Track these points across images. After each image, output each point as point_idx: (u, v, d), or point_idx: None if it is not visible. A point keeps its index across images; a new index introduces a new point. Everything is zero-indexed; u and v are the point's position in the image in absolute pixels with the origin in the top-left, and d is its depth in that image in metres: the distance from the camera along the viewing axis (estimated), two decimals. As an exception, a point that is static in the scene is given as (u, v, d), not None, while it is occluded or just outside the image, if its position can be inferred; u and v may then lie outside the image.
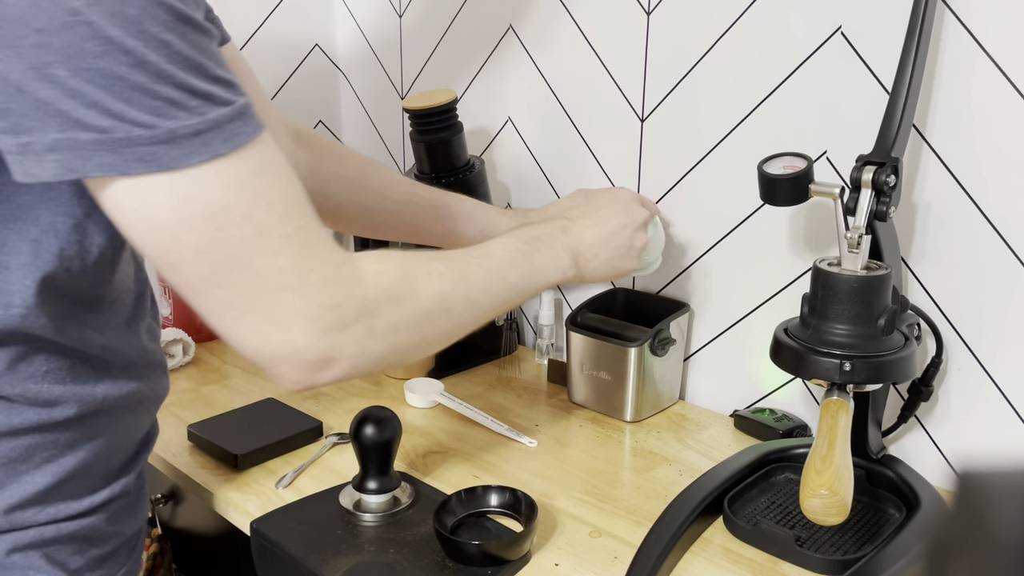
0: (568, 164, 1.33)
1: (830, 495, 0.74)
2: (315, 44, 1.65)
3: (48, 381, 0.64)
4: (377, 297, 0.62)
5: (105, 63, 0.49)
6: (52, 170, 0.52)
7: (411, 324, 0.65)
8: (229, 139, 0.54)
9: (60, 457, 0.66)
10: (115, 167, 0.51)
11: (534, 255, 0.79)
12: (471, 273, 0.72)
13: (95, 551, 0.70)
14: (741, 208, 1.13)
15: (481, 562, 0.80)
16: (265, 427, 1.06)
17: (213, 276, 0.56)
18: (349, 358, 0.61)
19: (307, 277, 0.58)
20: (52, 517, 0.67)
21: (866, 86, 0.98)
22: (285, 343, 0.59)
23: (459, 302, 0.69)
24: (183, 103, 0.52)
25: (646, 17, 1.18)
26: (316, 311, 0.59)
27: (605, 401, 1.16)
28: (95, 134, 0.50)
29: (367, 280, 0.62)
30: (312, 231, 0.59)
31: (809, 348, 0.84)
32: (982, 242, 0.92)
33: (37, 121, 0.50)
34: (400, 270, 0.66)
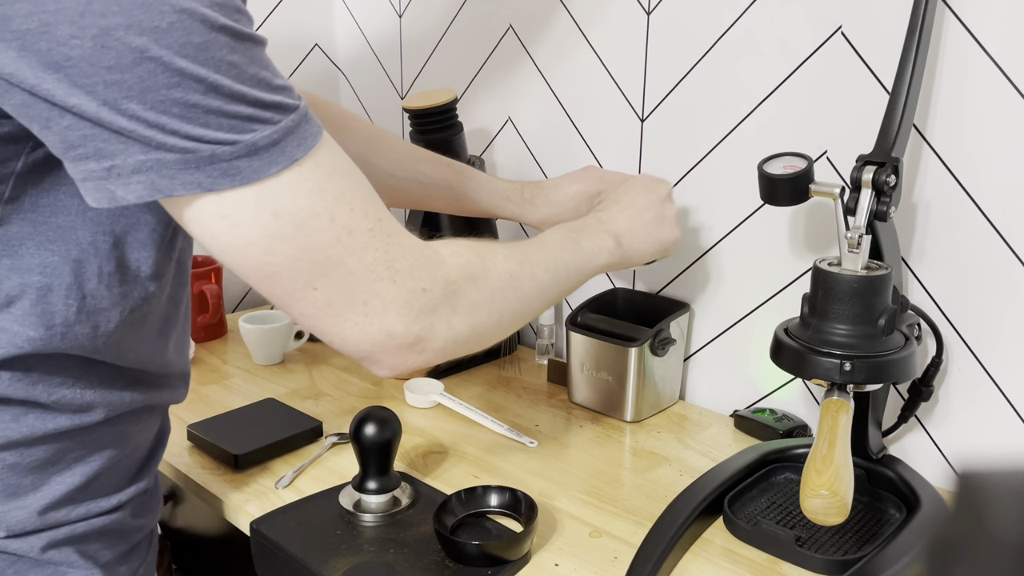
0: (568, 164, 1.33)
1: (830, 495, 0.74)
2: (315, 44, 1.65)
3: (80, 388, 0.65)
4: (457, 277, 0.65)
5: (179, 93, 0.50)
6: (138, 191, 0.52)
7: (488, 302, 0.68)
8: (301, 143, 0.55)
9: (88, 458, 0.68)
10: (200, 184, 0.52)
11: (581, 240, 0.84)
12: (531, 255, 0.76)
13: (122, 545, 0.73)
14: (741, 208, 1.13)
15: (481, 562, 0.80)
16: (265, 427, 1.06)
17: (309, 280, 0.58)
18: (439, 338, 0.64)
19: (396, 265, 0.61)
20: (83, 515, 0.68)
21: (866, 86, 0.98)
22: (382, 331, 0.61)
23: (526, 280, 0.73)
24: (258, 117, 0.53)
25: (646, 17, 1.18)
26: (408, 296, 0.61)
27: (605, 401, 1.16)
28: (180, 154, 0.51)
29: (447, 262, 0.65)
30: (390, 221, 0.62)
31: (809, 348, 0.84)
32: (982, 242, 0.92)
33: (120, 145, 0.51)
34: (471, 252, 0.69)
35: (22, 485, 0.64)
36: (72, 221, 0.60)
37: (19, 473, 0.64)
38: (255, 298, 1.66)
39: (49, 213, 0.59)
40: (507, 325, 0.72)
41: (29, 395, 0.63)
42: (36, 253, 0.60)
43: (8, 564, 0.65)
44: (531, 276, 0.74)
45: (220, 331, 1.44)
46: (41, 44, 0.48)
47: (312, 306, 0.59)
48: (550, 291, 0.77)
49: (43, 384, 0.63)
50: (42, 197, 0.59)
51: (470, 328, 0.67)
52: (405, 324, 0.62)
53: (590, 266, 0.84)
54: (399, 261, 0.61)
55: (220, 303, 1.43)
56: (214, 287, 1.40)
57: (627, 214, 0.92)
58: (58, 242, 0.60)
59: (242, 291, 1.64)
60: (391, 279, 0.60)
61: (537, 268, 0.75)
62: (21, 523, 0.65)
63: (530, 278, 0.74)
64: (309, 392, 1.22)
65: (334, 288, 0.59)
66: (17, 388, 0.62)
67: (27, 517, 0.65)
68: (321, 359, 1.35)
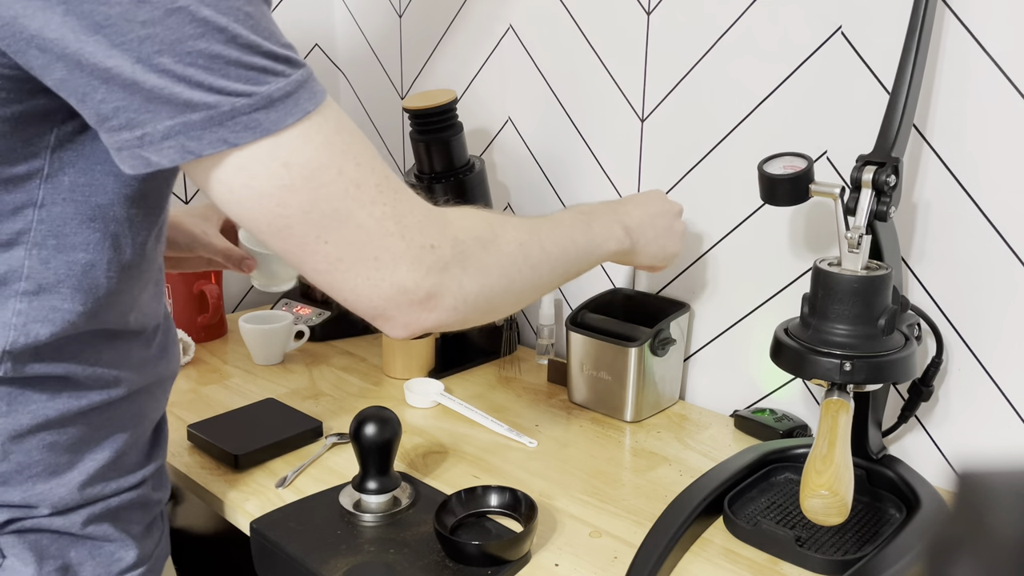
0: (568, 164, 1.33)
1: (830, 495, 0.74)
2: (315, 44, 1.65)
3: (105, 363, 0.69)
4: (466, 238, 0.66)
5: (204, 44, 0.53)
6: (171, 155, 0.55)
7: (498, 266, 0.69)
8: (311, 97, 0.58)
9: (116, 434, 0.72)
10: (226, 140, 0.55)
11: (592, 224, 0.84)
12: (542, 228, 0.77)
13: (147, 518, 0.77)
14: (741, 208, 1.13)
15: (481, 562, 0.80)
16: (265, 427, 1.06)
17: (320, 233, 0.59)
18: (450, 296, 0.65)
19: (404, 221, 0.62)
20: (115, 490, 0.73)
21: (866, 86, 0.98)
22: (394, 285, 0.62)
23: (535, 250, 0.74)
24: (272, 69, 0.56)
25: (646, 17, 1.18)
26: (418, 252, 0.62)
27: (605, 401, 1.16)
28: (204, 112, 0.54)
29: (455, 223, 0.66)
30: (396, 180, 0.63)
31: (809, 348, 0.84)
32: (982, 242, 0.92)
33: (149, 112, 0.54)
34: (479, 217, 0.70)
35: (60, 464, 0.68)
36: (109, 198, 0.64)
37: (57, 452, 0.68)
38: (255, 298, 1.66)
39: (88, 192, 0.63)
40: (518, 294, 0.73)
41: (68, 372, 0.66)
42: (79, 232, 0.64)
43: (51, 542, 0.69)
44: (540, 247, 0.74)
45: (220, 331, 1.44)
46: (85, 6, 0.51)
47: (324, 261, 0.61)
48: (559, 265, 0.77)
49: (78, 361, 0.67)
50: (80, 177, 0.62)
51: (480, 289, 0.67)
52: (416, 280, 0.62)
53: (599, 250, 0.84)
54: (407, 217, 0.62)
55: (220, 303, 1.43)
56: (214, 287, 1.40)
57: (641, 211, 0.92)
58: (98, 220, 0.64)
59: (242, 291, 1.64)
60: (400, 234, 0.61)
61: (547, 240, 0.76)
62: (63, 500, 0.69)
63: (539, 249, 0.74)
64: (309, 392, 1.22)
65: (345, 242, 0.60)
66: (57, 366, 0.66)
67: (68, 494, 0.69)
68: (321, 359, 1.35)
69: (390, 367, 1.29)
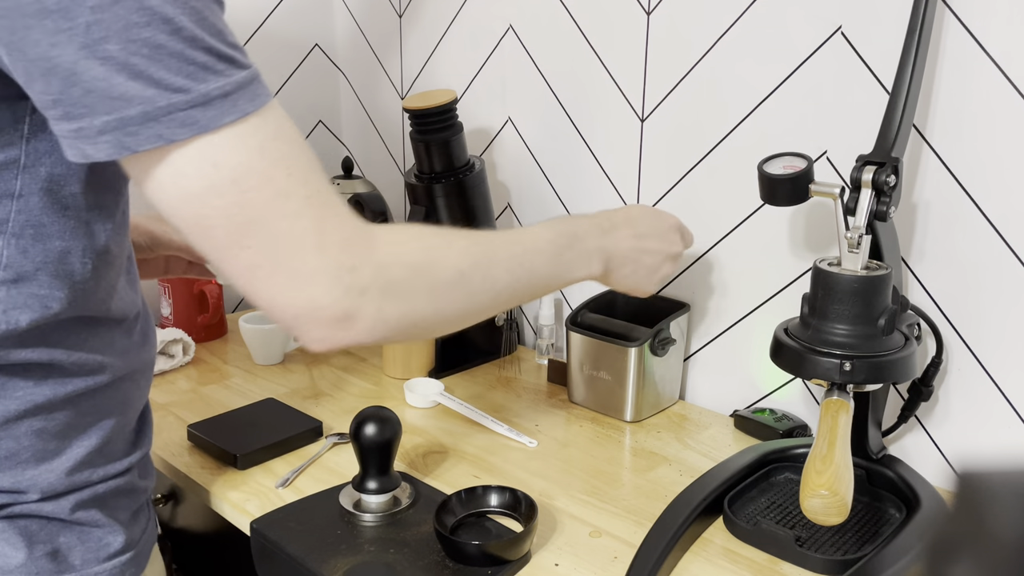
0: (568, 164, 1.33)
1: (830, 495, 0.74)
2: (315, 44, 1.65)
3: (89, 350, 0.70)
4: (393, 263, 0.65)
5: (149, 32, 0.54)
6: (107, 150, 0.56)
7: (428, 293, 0.67)
8: (252, 99, 0.58)
9: (100, 421, 0.73)
10: (162, 136, 0.55)
11: (566, 251, 0.81)
12: (496, 252, 0.74)
13: (134, 504, 0.78)
14: (741, 208, 1.13)
15: (481, 562, 0.80)
16: (265, 427, 1.06)
17: (240, 238, 0.59)
18: (367, 319, 0.64)
19: (326, 238, 0.61)
20: (102, 477, 0.74)
21: (866, 86, 0.98)
22: (309, 300, 0.61)
23: (478, 279, 0.71)
24: (212, 67, 0.56)
25: (646, 17, 1.18)
26: (336, 271, 0.62)
27: (605, 401, 1.16)
28: (141, 107, 0.54)
29: (382, 246, 0.65)
30: (329, 195, 0.63)
31: (809, 348, 0.84)
32: (982, 242, 0.92)
33: (86, 107, 0.54)
34: (417, 240, 0.69)
35: (48, 450, 0.70)
36: (81, 186, 0.65)
37: (45, 439, 0.70)
38: (255, 298, 1.66)
39: (64, 182, 0.64)
40: (451, 321, 0.71)
41: (52, 359, 0.68)
42: (56, 220, 0.65)
43: (40, 527, 0.71)
44: (485, 276, 0.72)
45: (220, 331, 1.44)
46: None
47: (243, 266, 0.60)
48: (505, 296, 0.74)
49: (62, 347, 0.68)
50: (56, 168, 0.63)
51: (402, 315, 0.66)
52: (332, 298, 0.62)
53: (564, 278, 0.81)
54: (330, 234, 0.61)
55: (220, 303, 1.43)
56: (214, 287, 1.40)
57: (631, 245, 0.87)
58: (71, 207, 0.65)
59: (242, 291, 1.64)
60: (320, 250, 0.61)
61: (498, 268, 0.73)
62: (52, 485, 0.70)
63: (483, 278, 0.71)
64: (309, 392, 1.22)
65: (264, 250, 0.60)
66: (42, 352, 0.67)
67: (57, 479, 0.70)
68: (321, 359, 1.35)
69: (390, 367, 1.29)
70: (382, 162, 1.67)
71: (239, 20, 1.52)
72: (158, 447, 1.04)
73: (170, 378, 1.26)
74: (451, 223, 1.28)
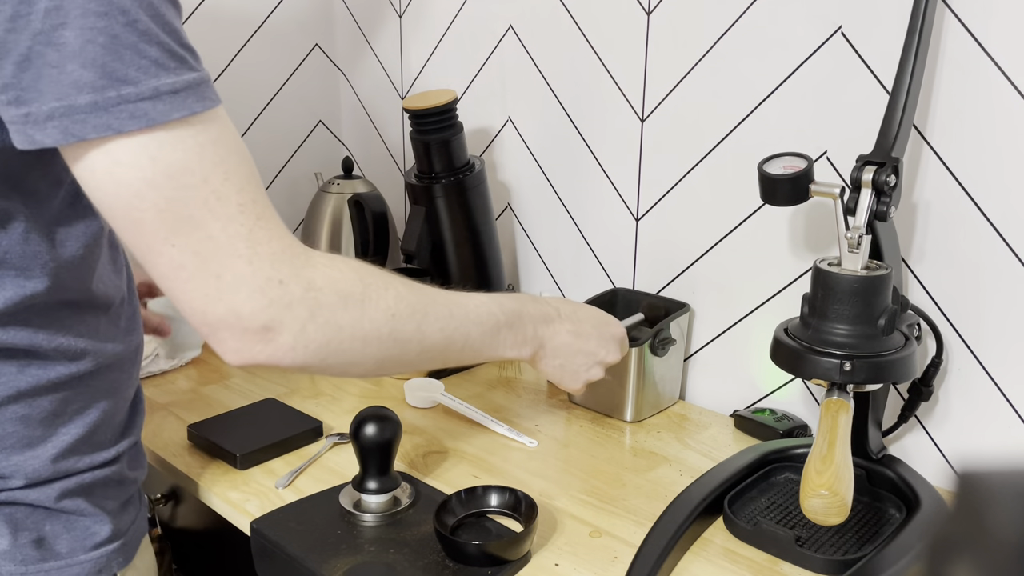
0: (568, 164, 1.33)
1: (830, 495, 0.74)
2: (315, 44, 1.65)
3: (73, 336, 0.71)
4: (325, 286, 0.64)
5: (105, 23, 0.54)
6: (54, 136, 0.56)
7: (354, 327, 0.66)
8: (200, 100, 0.59)
9: (87, 409, 0.74)
10: (111, 126, 0.56)
11: (504, 328, 0.80)
12: (432, 309, 0.72)
13: (122, 495, 0.79)
14: (741, 208, 1.13)
15: (481, 562, 0.80)
16: (265, 427, 1.06)
17: (169, 235, 0.59)
18: (288, 335, 0.62)
19: (257, 248, 0.61)
20: (89, 465, 0.75)
21: (866, 86, 0.98)
22: (229, 309, 0.60)
23: (410, 328, 0.70)
24: (164, 63, 0.57)
25: (646, 17, 1.18)
26: (263, 283, 0.61)
27: (605, 401, 1.16)
28: (90, 95, 0.55)
29: (318, 267, 0.64)
30: (265, 207, 0.62)
31: (809, 348, 0.84)
32: (982, 242, 0.92)
33: (37, 92, 0.55)
34: (354, 272, 0.67)
35: (34, 437, 0.71)
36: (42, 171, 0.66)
37: (30, 425, 0.70)
38: (255, 298, 1.66)
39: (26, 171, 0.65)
40: (377, 362, 0.69)
41: (32, 343, 0.68)
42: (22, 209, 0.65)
43: (26, 515, 0.71)
44: (418, 327, 0.70)
45: (220, 331, 1.44)
46: None
47: (168, 264, 0.60)
48: (432, 350, 0.73)
49: (43, 332, 0.69)
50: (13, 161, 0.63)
51: (325, 344, 0.64)
52: (254, 309, 0.60)
53: (493, 353, 0.80)
54: (262, 245, 0.61)
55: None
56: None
57: (568, 341, 0.87)
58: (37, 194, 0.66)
59: (242, 291, 1.64)
60: (248, 259, 0.60)
61: (432, 324, 0.72)
62: (37, 471, 0.71)
63: (415, 328, 0.70)
64: (309, 392, 1.22)
65: (191, 250, 0.59)
66: (22, 337, 0.68)
67: (42, 466, 0.71)
68: (321, 359, 1.35)
69: (390, 367, 1.28)
70: (382, 162, 1.67)
71: (239, 20, 1.52)
72: (158, 447, 1.04)
73: (170, 378, 1.26)
74: (451, 223, 1.28)
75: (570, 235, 1.35)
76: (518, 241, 1.44)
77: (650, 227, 1.24)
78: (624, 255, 1.28)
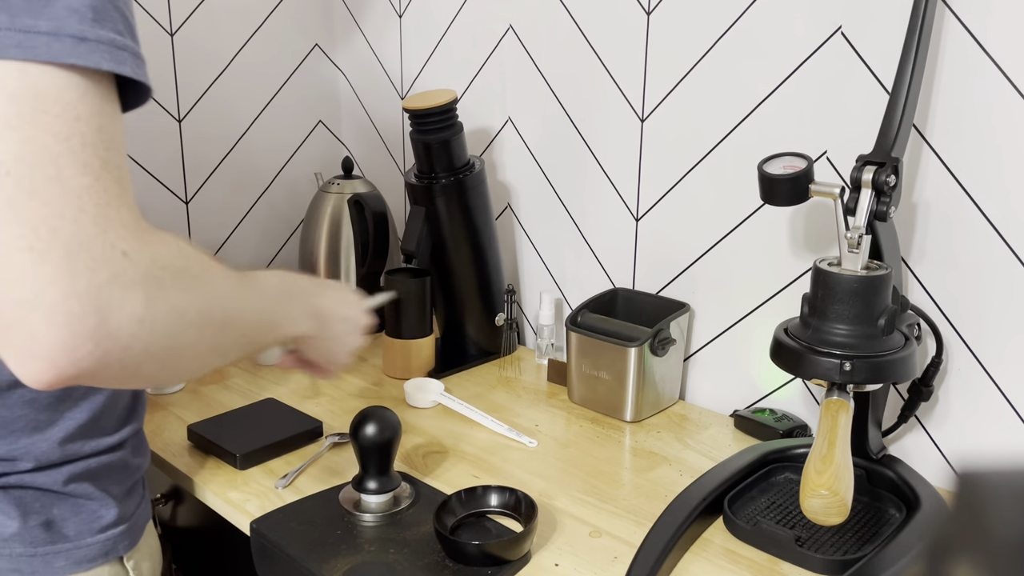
0: (568, 164, 1.33)
1: (830, 495, 0.74)
2: (315, 44, 1.65)
3: None
4: (170, 264, 0.56)
5: None
6: None
7: (200, 314, 0.59)
8: (109, 61, 0.54)
9: (92, 394, 0.75)
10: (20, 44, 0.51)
11: (290, 300, 0.75)
12: (242, 285, 0.67)
13: (127, 481, 0.80)
14: (741, 208, 1.13)
15: (481, 562, 0.80)
16: (265, 427, 1.06)
17: (14, 160, 0.50)
18: (124, 322, 0.52)
19: (106, 210, 0.52)
20: (94, 449, 0.76)
21: (866, 86, 0.98)
22: (59, 272, 0.49)
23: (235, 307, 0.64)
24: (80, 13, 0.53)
25: (646, 17, 1.18)
26: (105, 251, 0.51)
27: (605, 401, 1.16)
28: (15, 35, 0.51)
29: (164, 246, 0.57)
30: (127, 183, 0.55)
31: (809, 348, 0.84)
32: (982, 242, 0.92)
33: None
34: (197, 260, 0.60)
35: (41, 420, 0.72)
36: None
37: (37, 409, 0.72)
38: (255, 298, 1.66)
39: None
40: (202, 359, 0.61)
41: None
42: None
43: (34, 498, 0.73)
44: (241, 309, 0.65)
45: (220, 331, 1.44)
46: None
47: None
48: (250, 332, 0.67)
49: None
50: None
51: (166, 332, 0.55)
52: (89, 281, 0.49)
53: (284, 330, 0.74)
54: (112, 209, 0.52)
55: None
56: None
57: (333, 307, 0.81)
58: None
59: (242, 291, 1.64)
60: (94, 220, 0.51)
61: (249, 303, 0.67)
62: (45, 454, 0.72)
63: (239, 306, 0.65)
64: (309, 392, 1.22)
65: (30, 186, 0.49)
66: None
67: (50, 448, 0.73)
68: (321, 359, 1.35)
69: (390, 367, 1.29)
70: (382, 162, 1.67)
71: (239, 20, 1.52)
72: (158, 447, 1.04)
73: (170, 378, 1.26)
74: (451, 223, 1.28)
75: (570, 235, 1.35)
76: (518, 241, 1.44)
77: (650, 227, 1.24)
78: (624, 255, 1.28)
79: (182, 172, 1.51)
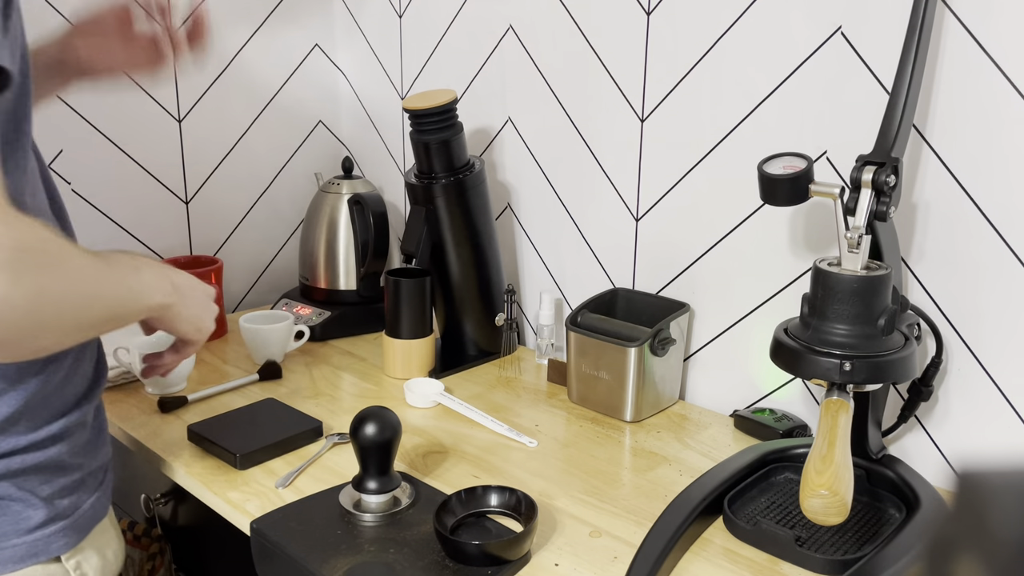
0: (568, 164, 1.33)
1: (830, 495, 0.74)
2: (315, 44, 1.65)
3: None
4: (33, 247, 0.58)
5: None
6: None
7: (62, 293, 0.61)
8: None
9: (10, 391, 0.72)
10: None
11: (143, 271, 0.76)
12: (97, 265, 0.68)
13: (62, 480, 0.76)
14: (741, 208, 1.13)
15: (481, 562, 0.80)
16: (265, 427, 1.06)
17: None
18: None
19: None
20: (13, 447, 0.72)
21: (866, 86, 0.99)
22: None
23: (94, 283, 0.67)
24: None
25: (646, 17, 1.18)
26: None
27: (605, 401, 1.16)
28: None
29: (28, 230, 0.59)
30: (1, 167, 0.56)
31: (809, 348, 0.84)
32: (982, 242, 0.92)
33: None
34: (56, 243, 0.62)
35: None
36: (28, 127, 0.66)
37: None
38: (255, 298, 1.66)
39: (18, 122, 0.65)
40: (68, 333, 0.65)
41: None
42: None
43: None
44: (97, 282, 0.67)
45: (220, 331, 1.44)
46: None
47: None
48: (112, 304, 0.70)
49: None
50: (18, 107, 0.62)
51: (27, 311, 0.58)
52: None
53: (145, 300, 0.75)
54: None
55: (220, 303, 1.43)
56: (214, 287, 1.40)
57: (182, 278, 0.83)
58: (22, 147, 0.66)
59: (242, 291, 1.64)
60: None
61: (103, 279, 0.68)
62: None
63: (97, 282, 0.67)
64: (309, 392, 1.22)
65: None
66: None
67: None
68: (321, 359, 1.35)
69: (390, 367, 1.29)
70: (382, 162, 1.67)
71: (239, 20, 1.52)
72: (158, 447, 1.04)
73: (170, 378, 1.26)
74: (451, 223, 1.28)
75: (570, 235, 1.35)
76: (518, 241, 1.44)
77: (650, 227, 1.24)
78: (624, 255, 1.28)
79: (182, 172, 1.52)
